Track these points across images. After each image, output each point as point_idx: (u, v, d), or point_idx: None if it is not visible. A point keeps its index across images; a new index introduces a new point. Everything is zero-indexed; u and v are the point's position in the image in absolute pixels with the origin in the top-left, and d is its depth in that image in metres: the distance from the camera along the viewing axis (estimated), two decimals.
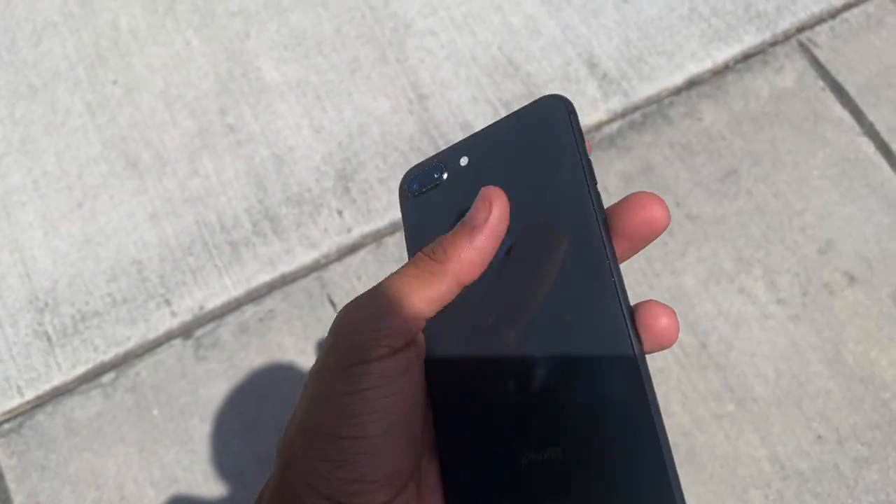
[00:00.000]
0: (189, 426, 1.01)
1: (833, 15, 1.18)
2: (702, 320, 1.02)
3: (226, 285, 1.06)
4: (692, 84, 1.15)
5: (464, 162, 0.37)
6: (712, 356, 1.01)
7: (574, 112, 0.36)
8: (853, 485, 0.95)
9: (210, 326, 1.05)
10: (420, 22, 1.19)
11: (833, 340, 1.01)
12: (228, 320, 1.05)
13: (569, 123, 0.36)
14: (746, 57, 1.16)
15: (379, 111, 1.13)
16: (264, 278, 1.06)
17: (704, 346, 1.01)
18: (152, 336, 1.05)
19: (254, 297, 1.06)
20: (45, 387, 1.03)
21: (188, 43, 1.20)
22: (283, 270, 1.06)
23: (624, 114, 1.13)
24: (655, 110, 1.13)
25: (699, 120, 1.12)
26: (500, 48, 1.17)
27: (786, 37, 1.17)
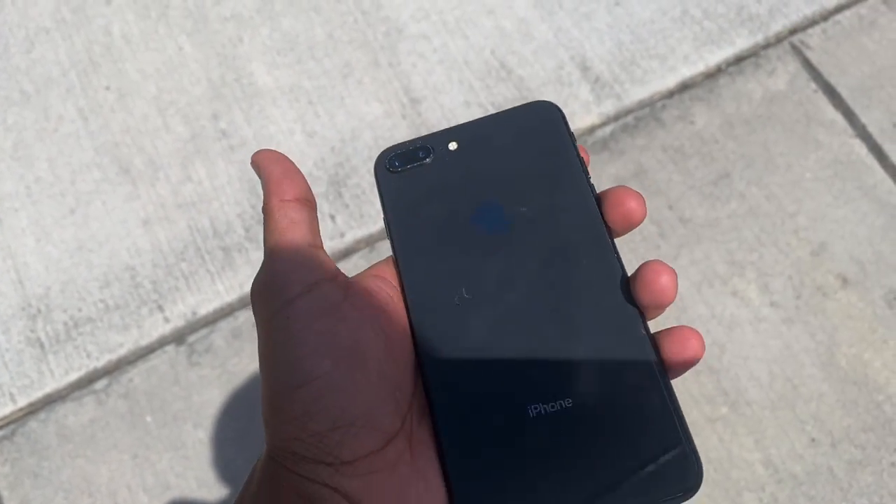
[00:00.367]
0: (182, 432, 1.01)
1: (825, 17, 1.18)
2: (695, 323, 1.02)
3: (219, 291, 1.06)
4: (685, 87, 1.15)
5: (453, 146, 0.38)
6: (705, 359, 1.01)
7: (564, 116, 0.38)
8: (847, 488, 0.95)
9: (203, 332, 1.05)
10: (412, 26, 1.19)
11: (826, 343, 1.01)
12: (221, 326, 1.05)
13: (561, 121, 0.38)
14: (739, 60, 1.16)
15: (371, 116, 1.13)
16: None
17: None
18: (145, 342, 1.04)
19: (247, 303, 1.06)
20: (38, 394, 1.03)
21: (181, 48, 1.20)
22: None
23: (616, 117, 1.13)
24: (648, 113, 1.13)
25: (692, 123, 1.12)
26: (493, 52, 1.17)
27: (778, 39, 1.17)
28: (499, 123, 0.38)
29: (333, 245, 1.07)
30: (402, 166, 0.38)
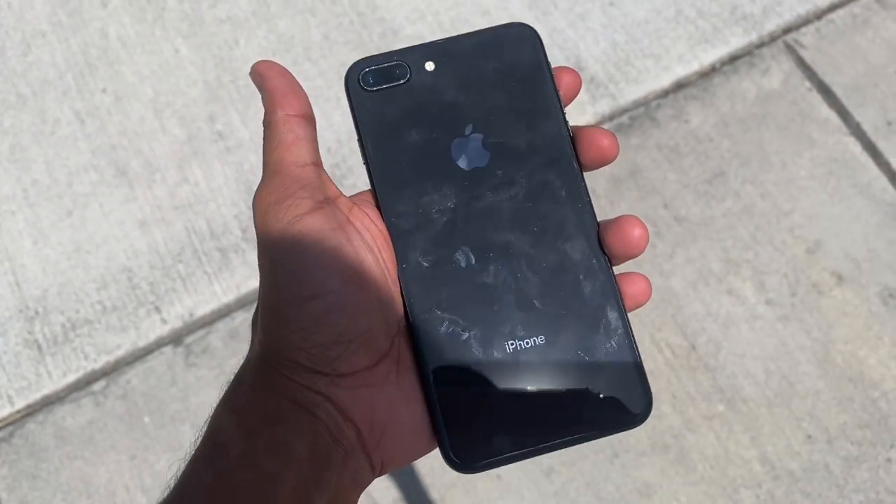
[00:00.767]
0: (180, 433, 1.01)
1: (819, 16, 1.19)
2: (691, 321, 1.03)
3: (216, 292, 1.06)
4: (679, 86, 1.15)
5: (429, 66, 0.37)
6: (702, 357, 1.01)
7: (541, 40, 0.38)
8: (843, 484, 0.95)
9: (200, 333, 1.05)
10: (408, 27, 1.20)
11: (822, 340, 1.01)
12: (218, 327, 1.05)
13: (540, 47, 0.38)
14: (733, 59, 1.16)
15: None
16: (254, 284, 1.06)
17: (694, 348, 1.01)
18: (143, 343, 1.05)
19: (244, 304, 1.06)
20: (36, 395, 1.03)
21: (177, 51, 1.21)
22: None
23: (612, 116, 1.13)
24: (643, 113, 1.14)
25: (686, 122, 1.13)
26: None
27: (772, 38, 1.17)
28: (475, 44, 0.38)
29: None
30: (377, 85, 0.37)
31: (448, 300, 0.35)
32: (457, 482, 0.97)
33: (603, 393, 0.34)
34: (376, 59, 0.37)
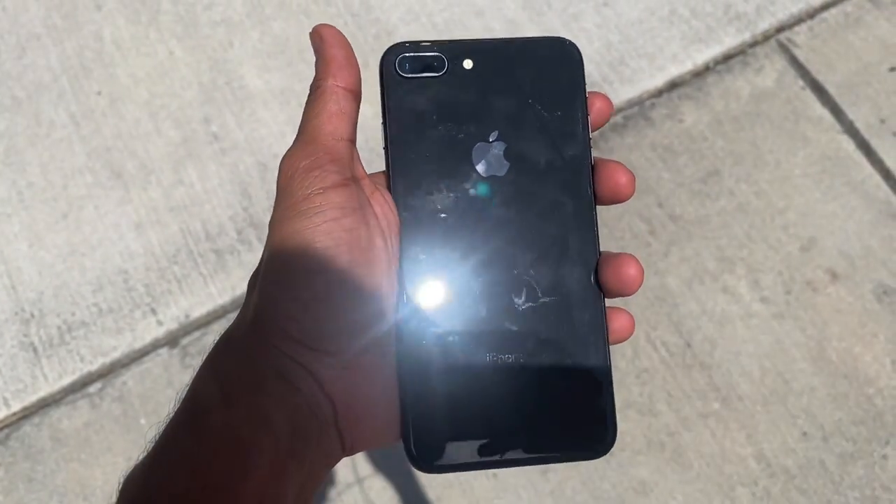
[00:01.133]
0: None
1: (812, 15, 1.19)
2: (686, 320, 1.03)
3: (211, 293, 1.06)
4: (673, 86, 1.15)
5: (467, 65, 0.37)
6: (697, 355, 1.01)
7: (582, 58, 0.38)
8: (839, 480, 0.95)
9: (196, 335, 1.05)
10: (402, 28, 1.20)
11: (817, 337, 1.02)
12: (214, 328, 1.05)
13: (579, 65, 0.37)
14: (726, 58, 1.17)
15: (362, 117, 1.13)
16: None
17: (689, 346, 1.02)
18: (138, 345, 1.05)
19: (239, 305, 1.06)
20: (32, 398, 1.03)
21: (171, 53, 1.21)
22: None
23: None
24: (637, 112, 1.14)
25: (680, 121, 1.13)
26: None
27: (765, 37, 1.18)
28: (516, 51, 0.37)
29: None
30: (412, 72, 0.36)
31: (438, 301, 0.35)
32: (454, 482, 0.97)
33: (570, 420, 0.34)
34: (415, 46, 0.37)
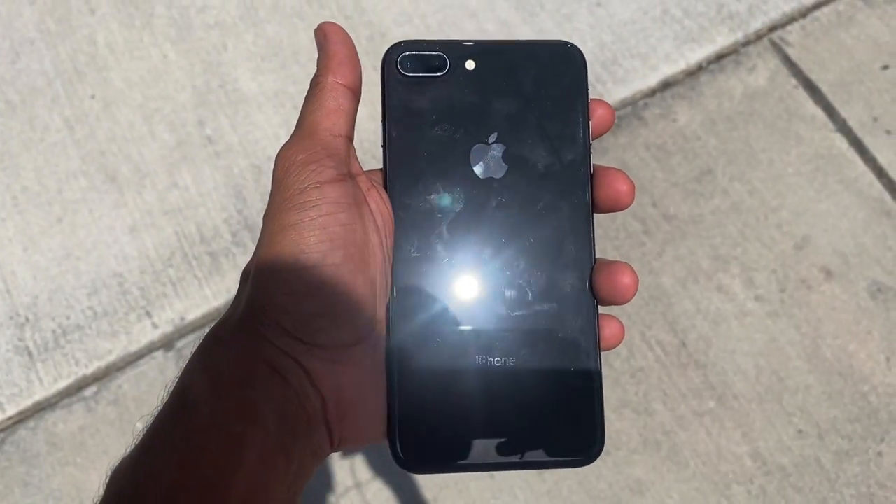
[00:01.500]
0: None
1: (804, 14, 1.19)
2: (681, 319, 1.03)
3: (206, 296, 1.06)
4: (666, 85, 1.16)
5: (470, 66, 0.36)
6: (692, 354, 1.01)
7: (586, 63, 0.37)
8: (834, 478, 0.96)
9: (191, 338, 1.05)
10: (395, 30, 1.20)
11: (811, 335, 1.02)
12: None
13: (582, 70, 0.37)
14: (719, 57, 1.17)
15: (357, 118, 1.14)
16: None
17: (684, 345, 1.02)
18: (134, 348, 1.05)
19: None
20: (27, 402, 1.03)
21: (165, 56, 1.21)
22: None
23: None
24: (630, 112, 1.14)
25: (674, 121, 1.13)
26: None
27: (758, 36, 1.18)
28: (520, 54, 0.37)
29: None
30: (414, 72, 0.36)
31: (430, 301, 0.35)
32: (449, 482, 0.97)
33: (558, 427, 0.34)
34: (418, 45, 0.37)
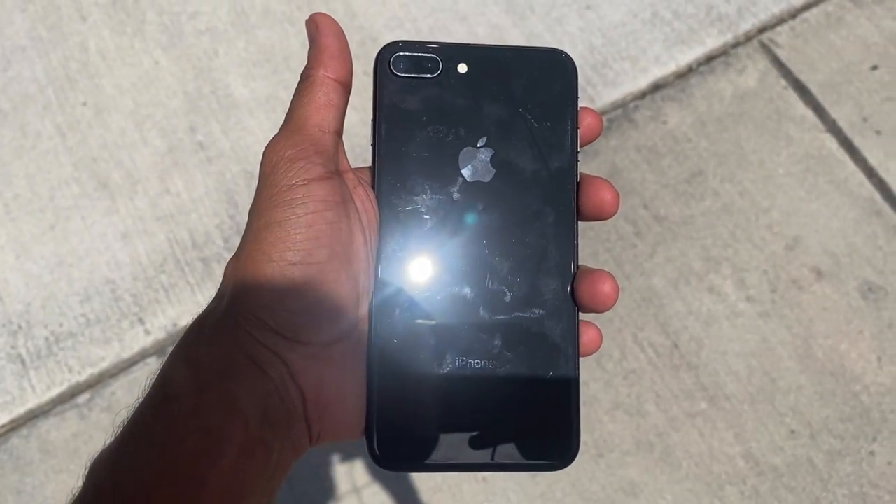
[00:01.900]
0: None
1: (793, 15, 1.20)
2: (672, 320, 1.03)
3: (199, 302, 1.06)
4: (656, 87, 1.16)
5: (462, 69, 0.37)
6: (684, 355, 1.01)
7: (577, 72, 0.38)
8: (827, 478, 0.96)
9: None
10: (386, 34, 1.20)
11: (803, 336, 1.02)
12: None
13: (573, 79, 0.37)
14: (709, 59, 1.17)
15: (347, 123, 1.13)
16: None
17: (676, 346, 1.02)
18: (127, 355, 1.05)
19: None
20: (20, 410, 1.02)
21: (157, 62, 1.21)
22: None
23: None
24: (621, 114, 1.15)
25: (664, 122, 1.14)
26: None
27: (747, 38, 1.18)
28: (512, 59, 0.37)
29: None
30: (406, 72, 0.36)
31: (412, 302, 0.35)
32: (443, 486, 0.97)
33: (534, 430, 0.34)
34: (411, 46, 0.37)
